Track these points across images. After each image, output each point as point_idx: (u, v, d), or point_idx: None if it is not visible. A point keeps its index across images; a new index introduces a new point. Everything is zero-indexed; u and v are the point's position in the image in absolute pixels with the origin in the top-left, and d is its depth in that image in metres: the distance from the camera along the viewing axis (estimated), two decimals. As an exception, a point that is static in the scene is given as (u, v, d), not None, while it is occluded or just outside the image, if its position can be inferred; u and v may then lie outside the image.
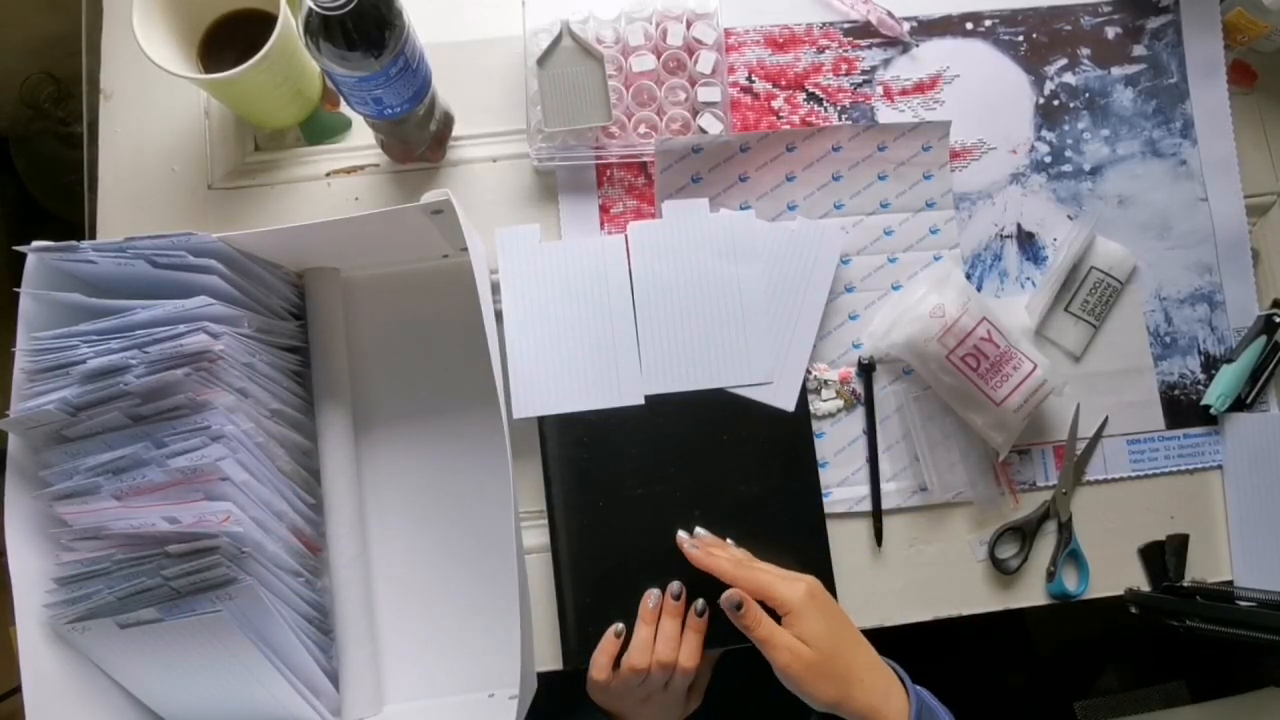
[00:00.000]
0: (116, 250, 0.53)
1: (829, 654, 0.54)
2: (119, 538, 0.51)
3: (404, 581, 0.64)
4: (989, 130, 0.71)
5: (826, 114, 0.71)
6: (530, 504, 0.65)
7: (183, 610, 0.51)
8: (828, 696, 0.53)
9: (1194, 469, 0.70)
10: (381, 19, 0.52)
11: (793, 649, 0.54)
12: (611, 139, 0.66)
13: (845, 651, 0.55)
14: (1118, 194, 0.71)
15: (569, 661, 0.62)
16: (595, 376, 0.64)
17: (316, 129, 0.69)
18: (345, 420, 0.63)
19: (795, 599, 0.55)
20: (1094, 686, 1.09)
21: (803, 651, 0.54)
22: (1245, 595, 0.64)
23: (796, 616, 0.55)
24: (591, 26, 0.68)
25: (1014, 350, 0.64)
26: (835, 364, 0.67)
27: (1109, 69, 0.73)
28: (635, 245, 0.66)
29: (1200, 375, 0.70)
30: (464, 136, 0.69)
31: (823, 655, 0.54)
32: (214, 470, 0.52)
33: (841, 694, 0.54)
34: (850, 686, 0.54)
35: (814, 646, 0.54)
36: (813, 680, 0.54)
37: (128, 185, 0.68)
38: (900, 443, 0.67)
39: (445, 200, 0.54)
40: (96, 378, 0.52)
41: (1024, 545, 0.67)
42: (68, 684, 0.52)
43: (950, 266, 0.68)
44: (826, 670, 0.54)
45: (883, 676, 0.55)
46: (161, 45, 0.59)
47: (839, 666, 0.54)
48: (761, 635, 0.55)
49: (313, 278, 0.64)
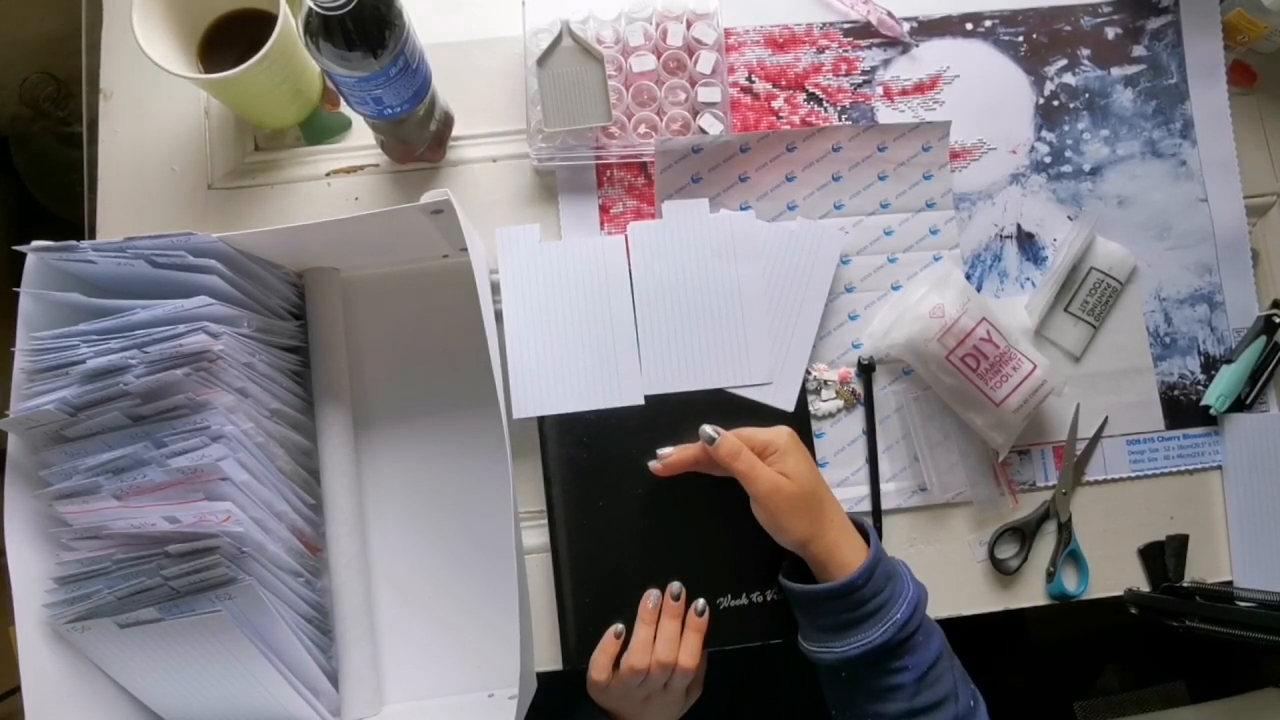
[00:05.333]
0: (116, 250, 0.53)
1: (808, 490, 0.56)
2: (119, 537, 0.51)
3: (404, 581, 0.64)
4: (989, 130, 0.71)
5: (826, 114, 0.71)
6: (530, 504, 0.65)
7: (183, 610, 0.51)
8: (801, 530, 0.55)
9: (1194, 469, 0.70)
10: (381, 19, 0.52)
11: (773, 480, 0.55)
12: (611, 139, 0.66)
13: (821, 491, 0.57)
14: (1118, 194, 0.71)
15: (569, 661, 0.62)
16: (595, 376, 0.64)
17: (316, 129, 0.69)
18: (345, 420, 0.63)
19: (779, 439, 0.58)
20: (1094, 686, 1.09)
21: (783, 483, 0.55)
22: (1245, 595, 0.64)
23: (781, 454, 0.57)
24: (591, 26, 0.68)
25: (1014, 350, 0.64)
26: (835, 364, 0.68)
27: (1109, 69, 0.73)
28: (635, 245, 0.66)
29: (1200, 375, 0.70)
30: (464, 136, 0.69)
31: (802, 489, 0.56)
32: (214, 470, 0.52)
33: (814, 529, 0.55)
34: (823, 524, 0.56)
35: (794, 480, 0.56)
36: (790, 512, 0.55)
37: (128, 185, 0.68)
38: (900, 443, 0.67)
39: (445, 200, 0.54)
40: (96, 378, 0.52)
41: (1024, 545, 0.67)
42: (67, 684, 0.52)
43: (950, 267, 0.68)
44: (803, 504, 0.56)
45: (846, 521, 0.57)
46: (161, 45, 0.59)
47: (814, 503, 0.56)
48: (742, 468, 0.56)
49: (313, 278, 0.64)
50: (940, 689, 0.54)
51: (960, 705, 0.54)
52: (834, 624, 0.55)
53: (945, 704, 0.54)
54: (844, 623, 0.54)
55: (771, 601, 0.62)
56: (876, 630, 0.53)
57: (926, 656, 0.54)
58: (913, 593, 0.55)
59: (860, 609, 0.54)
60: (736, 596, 0.62)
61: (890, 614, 0.53)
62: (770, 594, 0.62)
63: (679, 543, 0.62)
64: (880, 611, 0.53)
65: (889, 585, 0.54)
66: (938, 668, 0.54)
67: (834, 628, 0.55)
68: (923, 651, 0.54)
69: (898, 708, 0.53)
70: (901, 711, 0.53)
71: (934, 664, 0.54)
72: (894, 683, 0.53)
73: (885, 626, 0.53)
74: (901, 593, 0.55)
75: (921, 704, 0.53)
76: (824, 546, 0.55)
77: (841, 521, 0.57)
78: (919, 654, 0.54)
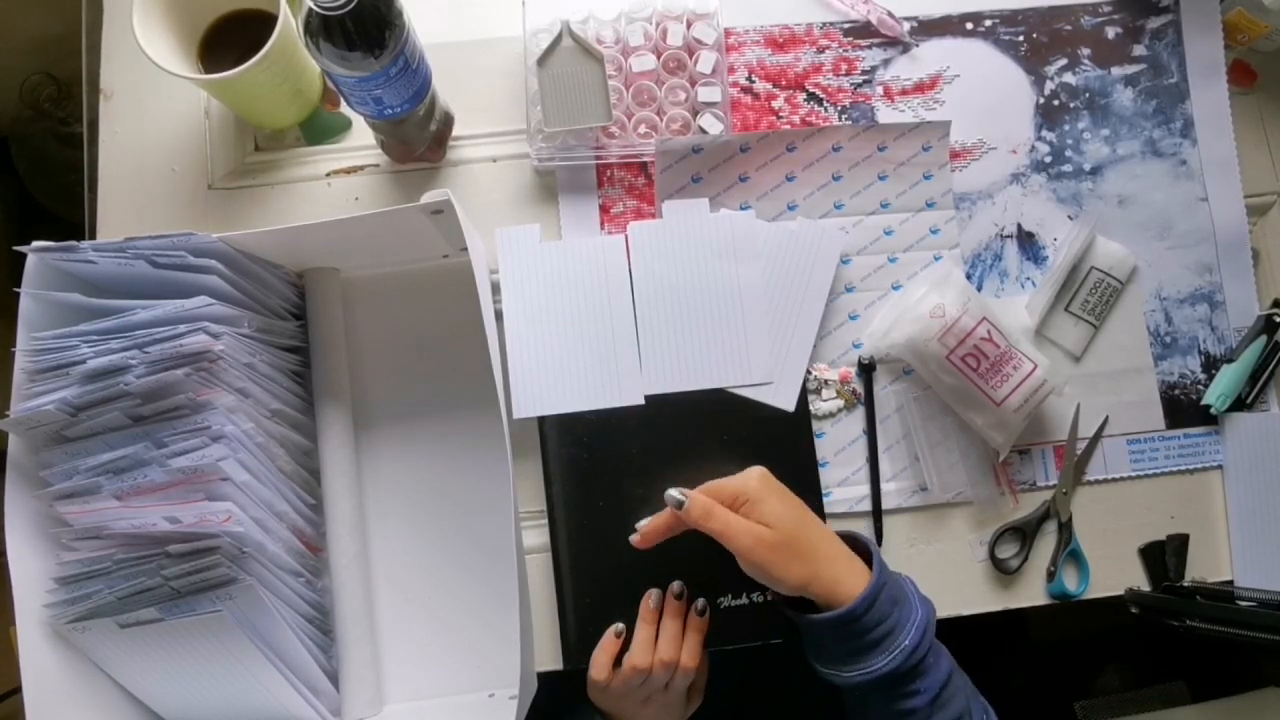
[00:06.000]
0: (116, 250, 0.53)
1: (792, 533, 0.53)
2: (119, 537, 0.51)
3: (404, 581, 0.64)
4: (989, 130, 0.71)
5: (826, 114, 0.71)
6: (530, 504, 0.65)
7: (183, 610, 0.51)
8: (796, 576, 0.53)
9: (1194, 469, 0.69)
10: (381, 19, 0.52)
11: (753, 532, 0.53)
12: (611, 139, 0.66)
13: (807, 529, 0.55)
14: (1118, 194, 0.71)
15: (569, 661, 0.62)
16: (595, 376, 0.64)
17: (316, 129, 0.69)
18: (345, 420, 0.63)
19: (749, 486, 0.55)
20: (1094, 686, 1.09)
21: (764, 534, 0.53)
22: (1245, 595, 0.64)
23: (754, 503, 0.54)
24: (591, 26, 0.68)
25: (1014, 350, 0.64)
26: (835, 364, 0.67)
27: (1109, 69, 0.73)
28: (635, 245, 0.66)
29: (1200, 375, 0.70)
30: (464, 136, 0.69)
31: (786, 535, 0.53)
32: (214, 470, 0.52)
33: (810, 571, 0.53)
34: (817, 563, 0.53)
35: (776, 528, 0.53)
36: (780, 561, 0.53)
37: (128, 185, 0.68)
38: (900, 443, 0.67)
39: (445, 200, 0.54)
40: (96, 378, 0.52)
41: (1024, 545, 0.67)
42: (68, 684, 0.52)
43: (950, 266, 0.68)
44: (791, 549, 0.53)
45: (841, 549, 0.55)
46: (161, 45, 0.59)
47: (803, 544, 0.53)
48: (716, 527, 0.53)
49: (313, 278, 0.64)
50: (954, 708, 0.53)
51: None
52: (841, 651, 0.53)
53: None
54: (850, 650, 0.53)
55: (772, 601, 0.62)
56: (884, 658, 0.52)
57: (938, 677, 0.53)
58: (921, 615, 0.53)
59: (865, 637, 0.52)
60: (737, 596, 0.62)
61: (898, 640, 0.52)
62: (771, 594, 0.62)
63: (679, 542, 0.62)
64: (887, 639, 0.52)
65: (895, 611, 0.53)
66: (950, 686, 0.53)
67: (841, 655, 0.54)
68: (934, 673, 0.53)
69: None
70: None
71: (946, 683, 0.53)
72: (908, 707, 0.52)
73: (893, 654, 0.51)
74: (909, 617, 0.53)
75: None
76: (824, 586, 0.53)
77: (836, 553, 0.54)
78: (931, 676, 0.52)
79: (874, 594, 0.52)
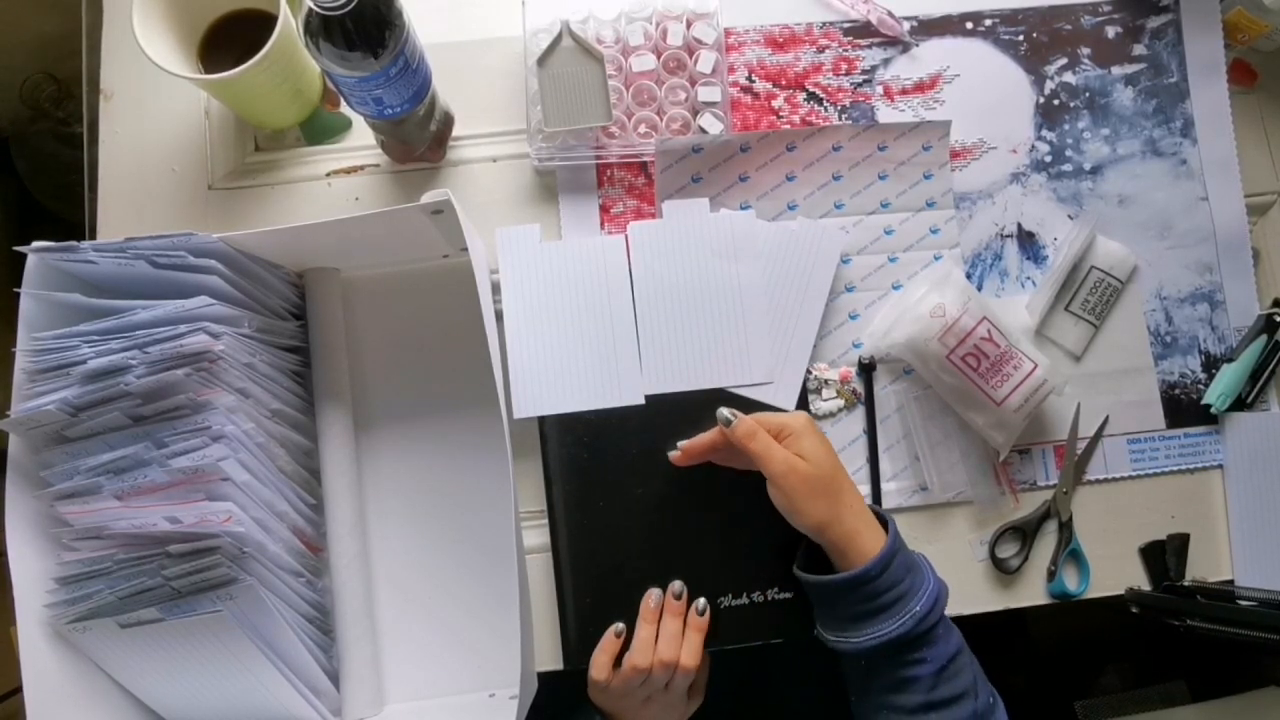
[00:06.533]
0: (116, 250, 0.53)
1: (826, 472, 0.55)
2: (120, 537, 0.51)
3: (404, 581, 0.64)
4: (989, 130, 0.71)
5: (826, 114, 0.71)
6: (530, 504, 0.65)
7: (183, 610, 0.51)
8: (819, 514, 0.54)
9: (1194, 468, 0.70)
10: (381, 19, 0.52)
11: (789, 460, 0.54)
12: (611, 139, 0.66)
13: (839, 476, 0.56)
14: (1118, 193, 0.71)
15: (569, 661, 0.62)
16: (595, 376, 0.64)
17: (316, 129, 0.69)
18: (345, 420, 0.63)
19: (795, 422, 0.57)
20: (1094, 686, 1.09)
21: (799, 464, 0.54)
22: (1246, 595, 0.64)
23: (796, 436, 0.56)
24: (591, 26, 0.68)
25: (1014, 350, 0.64)
26: (835, 364, 0.68)
27: (1109, 68, 0.73)
28: (635, 245, 0.66)
29: (1201, 375, 0.70)
30: (464, 136, 0.69)
31: (820, 472, 0.54)
32: (215, 470, 0.52)
33: (833, 513, 0.54)
34: (841, 508, 0.54)
35: (811, 462, 0.54)
36: (807, 494, 0.54)
37: (128, 185, 0.68)
38: (900, 442, 0.67)
39: (445, 200, 0.54)
40: (97, 378, 0.52)
41: (1024, 545, 0.67)
42: (68, 684, 0.52)
43: (950, 266, 0.68)
44: (821, 486, 0.54)
45: (865, 509, 0.56)
46: (161, 45, 0.59)
47: (832, 486, 0.55)
48: (757, 448, 0.54)
49: (313, 278, 0.64)
50: (959, 684, 0.53)
51: (980, 702, 0.53)
52: (851, 615, 0.54)
53: (964, 699, 0.53)
54: (861, 613, 0.53)
55: (772, 601, 0.62)
56: (894, 622, 0.52)
57: (946, 650, 0.53)
58: (933, 586, 0.54)
59: (877, 600, 0.53)
60: (737, 596, 0.62)
61: (909, 606, 0.52)
62: (771, 594, 0.62)
63: (679, 542, 0.62)
64: (898, 604, 0.53)
65: (908, 577, 0.53)
66: (957, 662, 0.53)
67: (851, 618, 0.54)
68: (942, 645, 0.53)
69: (915, 700, 0.53)
70: (919, 704, 0.53)
71: (953, 658, 0.53)
72: (912, 674, 0.53)
73: (903, 619, 0.52)
74: (921, 585, 0.54)
75: (939, 697, 0.52)
76: (842, 533, 0.54)
77: (860, 509, 0.55)
78: (938, 647, 0.53)
79: (889, 556, 0.53)
